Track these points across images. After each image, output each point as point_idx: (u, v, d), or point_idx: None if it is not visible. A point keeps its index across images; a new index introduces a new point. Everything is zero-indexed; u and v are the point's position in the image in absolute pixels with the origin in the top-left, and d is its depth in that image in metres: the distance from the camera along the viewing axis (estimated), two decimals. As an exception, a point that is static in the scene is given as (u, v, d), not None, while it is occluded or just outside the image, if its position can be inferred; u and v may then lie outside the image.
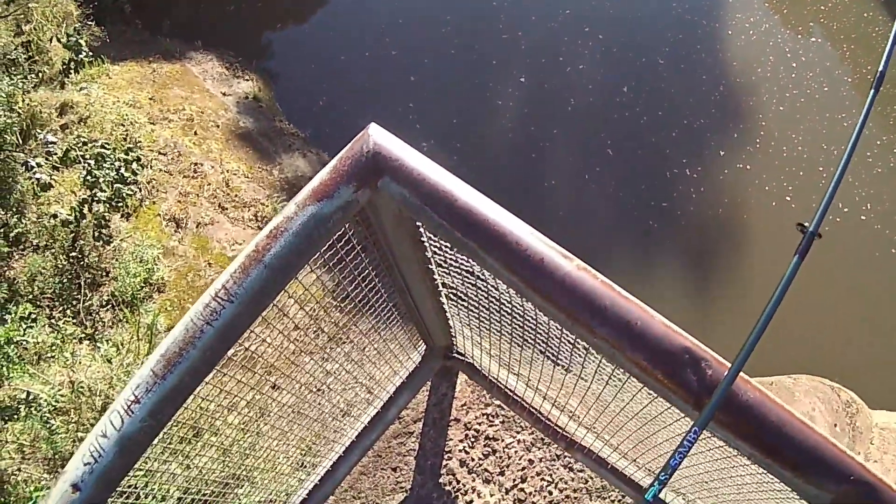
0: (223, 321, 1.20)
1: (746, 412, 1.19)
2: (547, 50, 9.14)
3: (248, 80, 9.07)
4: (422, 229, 1.65)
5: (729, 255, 8.08)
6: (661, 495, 2.87)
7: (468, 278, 1.80)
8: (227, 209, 7.01)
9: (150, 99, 8.12)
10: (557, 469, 3.75)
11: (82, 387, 4.45)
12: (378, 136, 1.36)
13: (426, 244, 1.77)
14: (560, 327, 1.48)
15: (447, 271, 1.91)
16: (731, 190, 8.10)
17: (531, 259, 1.23)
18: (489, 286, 1.72)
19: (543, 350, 1.94)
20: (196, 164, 7.36)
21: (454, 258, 1.74)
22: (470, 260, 1.51)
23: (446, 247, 1.68)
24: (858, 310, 7.72)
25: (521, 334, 1.97)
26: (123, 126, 7.25)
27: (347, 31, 9.72)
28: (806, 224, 1.41)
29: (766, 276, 7.63)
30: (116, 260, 5.77)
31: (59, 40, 7.28)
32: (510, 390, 3.24)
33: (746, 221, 7.88)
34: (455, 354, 3.28)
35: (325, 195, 1.29)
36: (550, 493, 3.69)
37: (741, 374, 1.21)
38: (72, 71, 7.13)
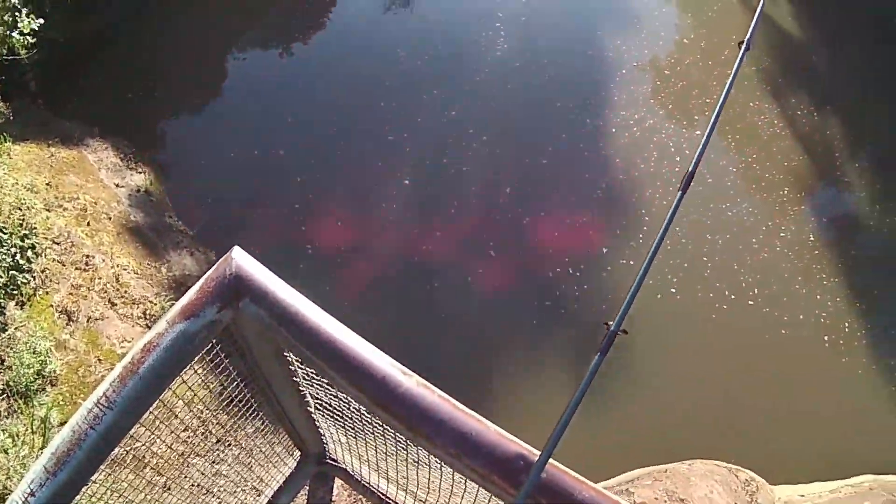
0: (104, 426, 1.53)
1: (562, 496, 1.52)
2: (431, 152, 10.71)
3: (140, 172, 10.46)
4: (284, 347, 2.04)
5: (615, 350, 9.98)
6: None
7: (330, 390, 2.22)
8: (116, 305, 8.00)
9: (48, 184, 9.24)
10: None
11: None
12: (240, 260, 1.75)
13: (290, 359, 2.18)
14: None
15: (310, 384, 2.34)
16: (615, 286, 9.42)
17: (374, 376, 1.59)
18: (349, 398, 2.06)
19: (405, 456, 2.36)
20: (88, 256, 8.39)
21: (315, 373, 2.10)
22: None
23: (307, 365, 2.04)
24: (752, 391, 8.97)
25: (383, 441, 2.38)
26: (20, 210, 8.11)
27: (238, 126, 11.29)
28: (610, 323, 1.83)
29: (652, 367, 8.94)
30: (11, 349, 6.39)
31: None
32: (383, 495, 3.71)
33: (631, 315, 9.94)
34: (329, 460, 3.75)
35: (192, 314, 1.65)
36: None
37: (557, 464, 1.55)
38: None
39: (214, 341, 1.97)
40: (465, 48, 12.69)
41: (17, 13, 7.47)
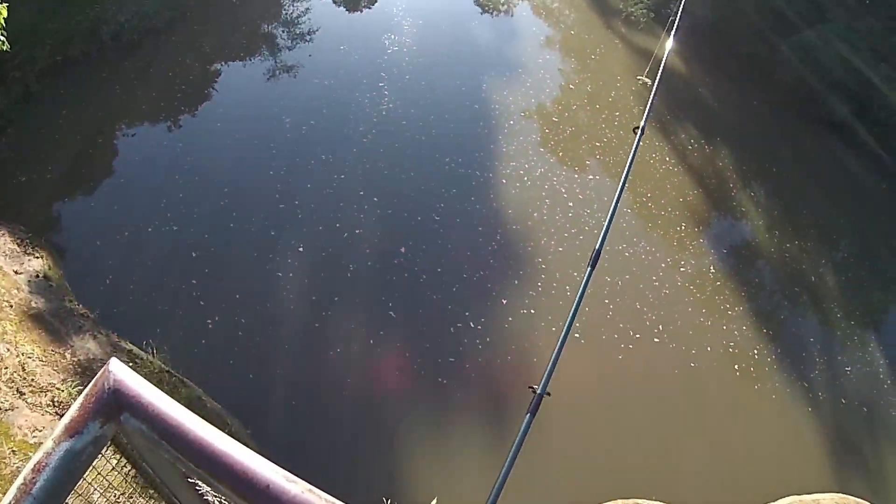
0: None
1: None
2: (323, 217, 11.18)
3: (38, 256, 10.57)
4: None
5: (524, 401, 10.22)
6: None
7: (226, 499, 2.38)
8: (24, 394, 8.09)
9: None
10: None
11: None
12: (118, 373, 1.76)
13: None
14: None
15: (213, 490, 2.33)
16: (518, 336, 9.93)
17: (258, 485, 1.62)
18: None
19: None
20: None
21: None
22: None
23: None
24: (667, 428, 9.46)
25: None
26: None
27: (131, 205, 11.58)
28: (535, 386, 1.90)
29: (562, 414, 9.10)
30: None
31: None
32: None
33: (536, 364, 9.57)
34: None
35: (76, 431, 1.67)
36: None
37: None
38: None
39: (107, 452, 2.03)
40: (351, 110, 13.39)
41: None
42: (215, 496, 2.35)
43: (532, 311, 10.31)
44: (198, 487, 2.32)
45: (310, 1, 17.97)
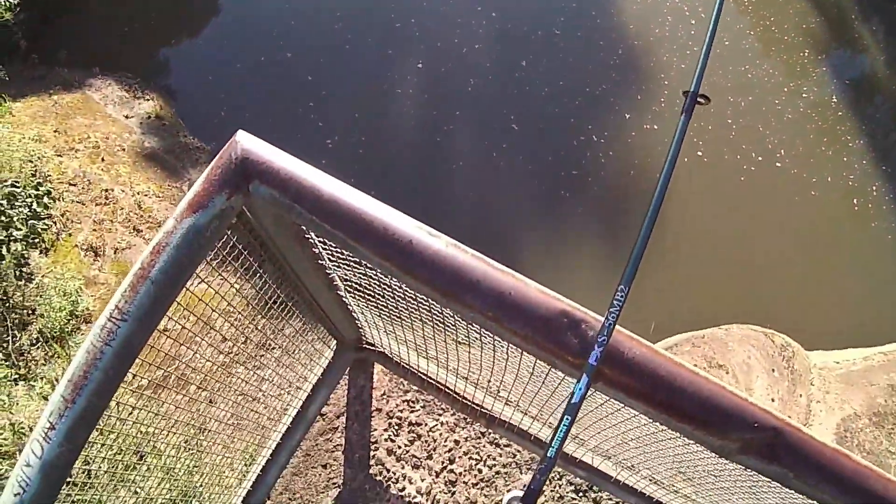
0: (120, 340, 1.60)
1: (634, 369, 1.54)
2: (441, 34, 11.34)
3: (148, 99, 10.99)
4: (304, 227, 2.07)
5: (643, 217, 10.59)
6: (577, 453, 3.71)
7: (357, 269, 2.26)
8: (142, 231, 8.46)
9: (55, 131, 9.70)
10: (484, 447, 4.48)
11: (23, 428, 5.27)
12: (245, 142, 1.80)
13: (312, 241, 2.23)
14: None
15: (337, 265, 2.39)
16: (641, 152, 10.16)
17: (399, 242, 1.63)
18: (378, 273, 2.10)
19: (443, 329, 2.41)
20: (107, 190, 8.82)
21: (340, 251, 2.16)
22: None
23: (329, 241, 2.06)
24: (784, 255, 9.70)
25: (419, 317, 2.42)
26: (31, 162, 8.49)
27: (240, 39, 11.86)
28: (688, 90, 1.79)
29: (683, 233, 9.63)
30: (40, 297, 6.70)
31: None
32: (424, 374, 3.84)
33: (658, 180, 10.60)
34: (366, 345, 3.91)
35: (200, 206, 1.70)
36: (480, 470, 4.42)
37: (625, 332, 1.58)
38: None
39: (231, 233, 2.01)
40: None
41: None
42: (345, 279, 2.66)
43: (655, 127, 10.49)
44: (328, 272, 2.62)
45: None
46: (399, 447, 4.60)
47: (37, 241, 6.94)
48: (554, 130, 10.46)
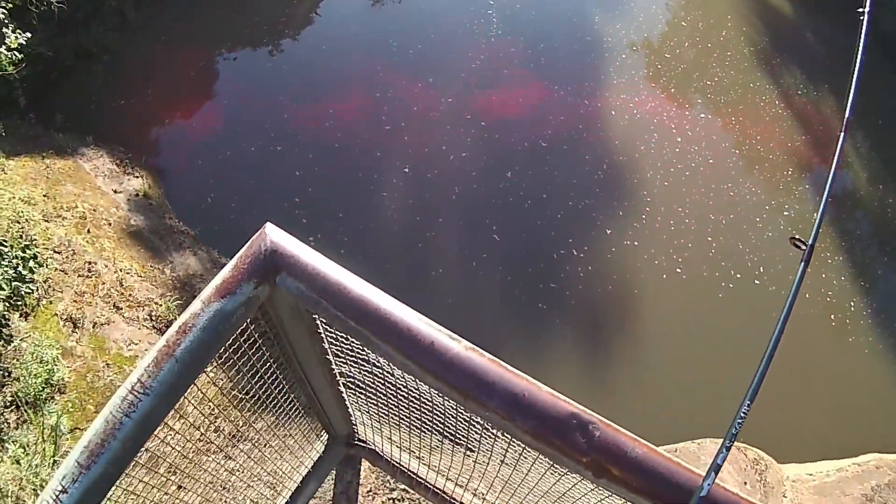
0: (141, 413, 1.67)
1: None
2: (430, 139, 11.87)
3: (137, 176, 11.30)
4: (318, 321, 2.23)
5: (622, 330, 10.13)
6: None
7: (364, 366, 2.41)
8: (121, 309, 8.53)
9: (45, 195, 9.90)
10: (469, 547, 4.39)
11: None
12: (274, 235, 1.92)
13: (323, 335, 2.36)
14: (455, 405, 2.03)
15: (344, 361, 2.53)
16: (620, 266, 10.54)
17: (422, 343, 1.75)
18: (385, 372, 2.28)
19: (441, 430, 2.51)
20: (90, 262, 8.95)
21: (350, 348, 2.30)
22: (365, 348, 2.01)
23: (342, 337, 2.24)
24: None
25: (418, 417, 2.57)
26: (19, 223, 8.67)
27: (233, 126, 12.37)
28: (798, 239, 2.19)
29: (660, 347, 9.94)
30: (17, 360, 6.85)
31: None
32: (413, 473, 3.94)
33: (637, 296, 10.30)
34: (357, 442, 4.01)
35: (228, 292, 1.80)
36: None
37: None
38: None
39: (250, 321, 2.08)
40: (458, 36, 14.06)
41: (3, 28, 7.94)
42: (348, 375, 2.83)
43: (636, 243, 10.92)
44: (332, 367, 2.76)
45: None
46: (384, 544, 4.54)
47: (19, 304, 7.03)
48: (535, 243, 10.88)
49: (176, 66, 13.47)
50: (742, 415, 1.94)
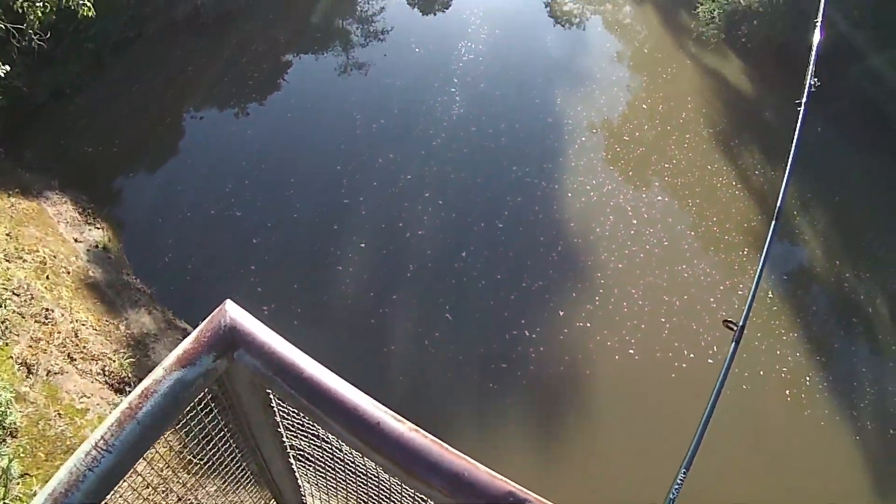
0: (103, 469, 1.76)
1: None
2: (387, 215, 12.15)
3: (98, 227, 11.52)
4: (272, 396, 2.33)
5: (573, 410, 10.26)
6: None
7: (314, 441, 2.54)
8: (75, 360, 8.64)
9: (7, 234, 10.11)
10: None
11: None
12: (233, 312, 2.02)
13: (276, 409, 2.46)
14: (400, 482, 2.11)
15: (295, 434, 2.64)
16: (572, 348, 10.70)
17: (369, 422, 1.86)
18: (334, 447, 2.44)
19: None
20: (47, 309, 9.07)
21: (301, 423, 2.44)
22: (316, 424, 2.14)
23: (294, 413, 2.36)
24: (716, 450, 8.91)
25: (365, 491, 2.70)
26: None
27: (195, 186, 12.68)
28: (731, 321, 2.51)
29: (611, 426, 10.07)
30: None
31: None
32: None
33: (589, 377, 10.45)
34: None
35: (188, 362, 1.90)
36: None
37: None
38: None
39: (207, 391, 2.18)
40: (421, 112, 14.53)
41: None
42: (298, 449, 2.86)
43: (588, 325, 11.13)
44: (283, 440, 2.77)
45: (385, 1, 19.38)
46: None
47: None
48: (487, 323, 11.06)
49: (145, 119, 13.92)
50: (678, 482, 2.17)
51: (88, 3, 7.88)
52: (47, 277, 9.88)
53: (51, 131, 13.15)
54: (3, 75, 8.36)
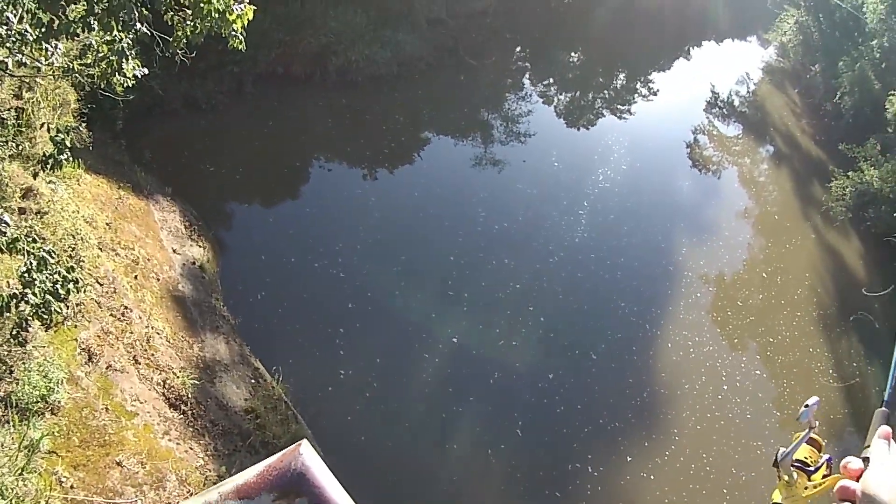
0: None
1: None
2: (487, 318, 13.26)
3: (200, 246, 12.40)
4: None
5: None
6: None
7: None
8: (140, 364, 9.14)
9: (107, 224, 10.78)
10: None
11: None
12: (307, 458, 2.00)
13: None
14: None
15: None
16: (630, 496, 11.46)
17: None
18: None
19: None
20: (126, 307, 9.65)
21: None
22: None
23: None
24: None
25: None
26: (73, 238, 9.39)
27: (306, 234, 13.94)
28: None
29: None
30: (23, 363, 7.33)
31: (48, 129, 8.98)
32: None
33: None
34: None
35: (246, 495, 1.90)
36: None
37: None
38: (49, 164, 8.55)
39: None
40: (545, 226, 15.89)
41: (124, 58, 8.47)
42: None
43: (651, 477, 11.90)
44: None
45: (534, 104, 21.20)
46: None
47: (45, 316, 7.27)
48: (554, 449, 11.97)
49: (273, 154, 15.48)
50: None
51: (241, 38, 8.22)
52: (135, 277, 10.66)
53: (177, 139, 14.65)
54: (140, 76, 8.88)
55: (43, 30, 7.23)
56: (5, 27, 7.01)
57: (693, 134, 22.67)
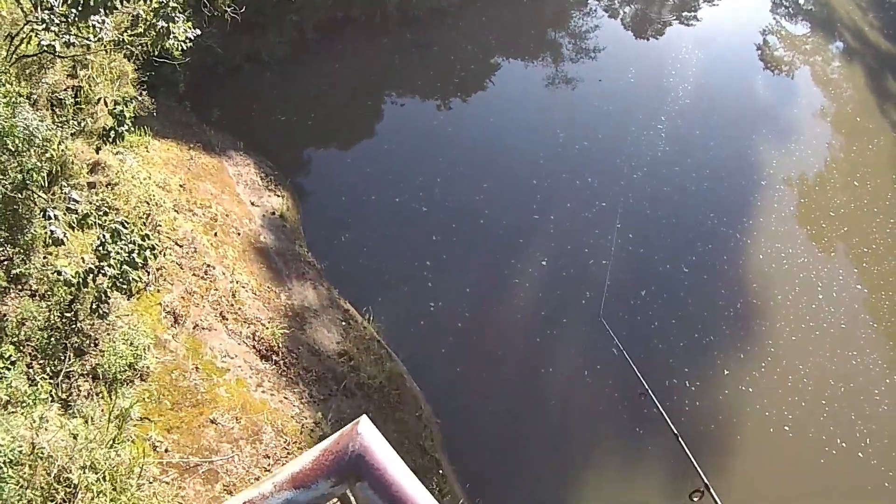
0: None
1: None
2: (574, 238, 13.92)
3: (279, 195, 12.90)
4: None
5: (716, 474, 10.82)
6: None
7: None
8: (227, 319, 9.45)
9: (181, 186, 11.15)
10: None
11: (42, 450, 5.82)
12: (365, 437, 2.01)
13: None
14: None
15: None
16: (729, 409, 12.03)
17: None
18: None
19: None
20: (208, 265, 9.96)
21: None
22: None
23: None
24: None
25: None
26: (148, 205, 9.73)
27: (385, 172, 14.53)
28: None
29: (746, 497, 11.13)
30: (108, 334, 7.56)
31: (106, 104, 9.48)
32: None
33: (739, 442, 11.73)
34: None
35: (302, 483, 1.92)
36: None
37: None
38: (111, 137, 8.89)
39: None
40: (626, 142, 16.47)
41: (172, 22, 8.78)
42: None
43: (750, 390, 12.50)
44: None
45: (600, 18, 21.62)
46: None
47: (124, 286, 7.53)
48: (650, 366, 12.17)
49: (343, 95, 16.11)
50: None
51: None
52: (215, 234, 11.03)
53: (243, 95, 15.27)
54: (192, 38, 9.19)
55: (80, 7, 7.61)
56: (48, 12, 7.50)
57: (762, 35, 22.92)
